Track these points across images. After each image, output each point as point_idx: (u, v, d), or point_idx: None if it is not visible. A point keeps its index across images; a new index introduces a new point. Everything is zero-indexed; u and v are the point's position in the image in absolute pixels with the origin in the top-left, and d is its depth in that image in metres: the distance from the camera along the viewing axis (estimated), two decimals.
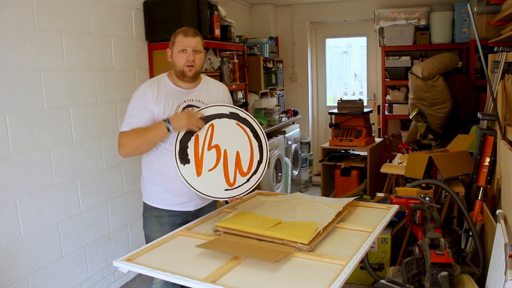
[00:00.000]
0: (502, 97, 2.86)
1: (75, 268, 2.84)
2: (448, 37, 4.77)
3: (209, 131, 1.97)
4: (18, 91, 2.42)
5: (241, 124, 2.04)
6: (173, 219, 2.07)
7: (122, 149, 1.92)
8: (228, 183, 1.94)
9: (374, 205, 2.15)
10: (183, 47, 1.96)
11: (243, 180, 1.96)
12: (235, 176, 1.96)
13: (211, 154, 1.94)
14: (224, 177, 1.94)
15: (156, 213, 2.07)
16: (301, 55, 5.92)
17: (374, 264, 3.09)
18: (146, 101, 1.94)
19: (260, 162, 2.02)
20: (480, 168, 2.99)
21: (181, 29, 2.01)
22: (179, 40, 1.97)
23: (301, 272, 1.46)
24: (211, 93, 2.11)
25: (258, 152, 2.03)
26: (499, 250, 2.08)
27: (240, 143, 2.01)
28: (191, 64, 1.97)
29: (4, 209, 2.36)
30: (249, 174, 1.98)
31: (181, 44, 1.97)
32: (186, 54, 1.96)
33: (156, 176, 2.04)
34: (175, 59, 1.99)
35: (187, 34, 1.97)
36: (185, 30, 2.00)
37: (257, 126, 2.07)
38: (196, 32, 2.01)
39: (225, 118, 2.02)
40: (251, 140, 2.03)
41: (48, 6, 2.58)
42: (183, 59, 1.96)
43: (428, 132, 4.47)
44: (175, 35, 2.00)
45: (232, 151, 1.98)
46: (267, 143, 2.07)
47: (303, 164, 5.60)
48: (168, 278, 1.45)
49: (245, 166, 1.99)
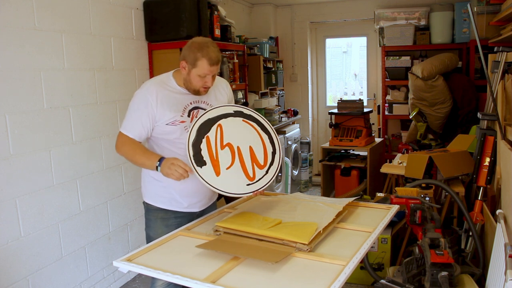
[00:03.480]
0: (502, 97, 2.86)
1: (75, 268, 2.84)
2: (448, 37, 4.77)
3: (219, 131, 1.96)
4: (18, 91, 2.42)
5: (247, 120, 2.05)
6: (179, 221, 2.04)
7: (118, 151, 1.98)
8: (249, 178, 1.93)
9: (374, 205, 2.15)
10: (204, 74, 1.91)
11: (262, 173, 1.96)
12: (254, 170, 1.95)
13: (225, 153, 1.93)
14: (243, 172, 1.93)
15: (162, 215, 2.05)
16: (301, 55, 5.92)
17: (374, 264, 3.09)
18: (148, 104, 1.90)
19: (275, 153, 2.03)
20: (480, 168, 3.00)
21: (207, 52, 1.88)
22: (203, 66, 1.88)
23: (301, 272, 1.46)
24: (217, 93, 2.09)
25: (270, 144, 2.04)
26: (499, 250, 2.08)
27: (251, 138, 2.01)
28: (208, 87, 1.97)
29: (4, 209, 2.36)
30: (266, 166, 1.98)
31: (204, 71, 1.89)
32: (205, 79, 1.93)
33: (166, 179, 1.95)
34: (192, 79, 1.92)
35: (212, 63, 1.88)
36: (212, 57, 1.88)
37: (263, 120, 2.08)
38: (219, 58, 1.93)
39: (230, 117, 2.02)
40: (260, 134, 2.04)
41: (48, 6, 2.58)
42: (201, 82, 1.93)
43: (428, 132, 4.48)
44: (200, 58, 1.87)
45: (245, 147, 1.98)
46: (276, 134, 2.08)
47: (303, 164, 5.60)
48: (168, 278, 1.45)
49: (260, 159, 1.99)
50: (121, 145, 1.95)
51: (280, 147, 2.06)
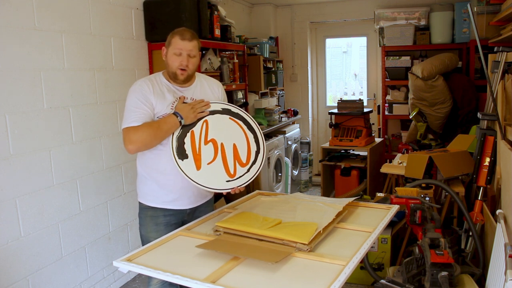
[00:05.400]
0: (502, 97, 2.86)
1: (75, 268, 2.84)
2: (448, 37, 4.77)
3: (204, 127, 1.99)
4: (18, 91, 2.42)
5: (234, 118, 2.08)
6: (168, 219, 2.06)
7: (133, 144, 1.86)
8: (229, 175, 1.95)
9: (374, 205, 2.15)
10: (178, 50, 1.95)
11: (243, 171, 1.98)
12: (235, 167, 1.97)
13: (208, 148, 1.96)
14: (224, 169, 1.96)
15: (151, 213, 2.07)
16: (301, 55, 5.92)
17: (374, 264, 3.09)
18: (145, 93, 1.94)
19: (258, 152, 2.05)
20: (480, 168, 3.00)
21: (179, 30, 1.98)
22: (175, 42, 1.95)
23: (301, 272, 1.46)
24: (205, 91, 2.12)
25: (255, 143, 2.06)
26: (499, 250, 2.08)
27: (235, 136, 2.04)
28: (184, 68, 1.96)
29: (4, 209, 2.35)
30: (248, 164, 2.01)
31: (176, 47, 1.95)
32: (181, 57, 1.95)
33: (150, 173, 2.03)
34: (169, 60, 1.98)
35: (184, 37, 1.95)
36: (182, 32, 1.96)
37: (250, 119, 2.10)
38: (194, 35, 1.99)
39: (217, 114, 2.04)
40: (246, 133, 2.06)
41: (48, 6, 2.58)
42: (177, 62, 1.95)
43: (428, 132, 4.48)
44: (172, 36, 1.97)
45: (229, 144, 2.00)
46: (262, 133, 2.10)
47: (303, 164, 5.60)
48: (168, 278, 1.45)
49: (243, 157, 2.01)
50: (134, 134, 1.86)
51: (265, 147, 2.08)
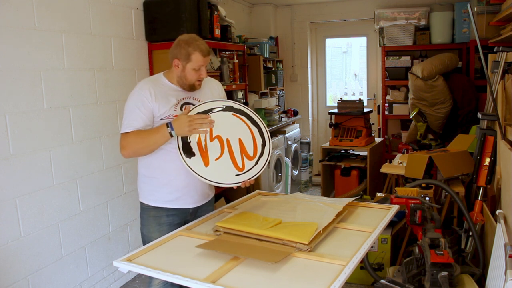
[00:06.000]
0: (502, 97, 2.86)
1: (75, 268, 2.84)
2: (448, 37, 4.77)
3: None
4: (18, 91, 2.42)
5: (237, 114, 2.08)
6: (171, 219, 2.06)
7: (124, 151, 1.94)
8: (238, 169, 1.96)
9: (374, 205, 2.15)
10: (199, 66, 1.97)
11: (251, 164, 1.99)
12: (243, 161, 1.98)
13: (214, 145, 1.97)
14: (232, 163, 1.96)
15: (154, 213, 2.07)
16: (301, 55, 5.92)
17: (374, 264, 3.09)
18: (144, 99, 1.94)
19: (264, 145, 2.06)
20: (480, 168, 2.99)
21: (197, 45, 1.96)
22: (197, 60, 1.95)
23: (301, 272, 1.46)
24: (207, 91, 2.13)
25: (260, 136, 2.07)
26: (499, 250, 2.08)
27: (240, 130, 2.04)
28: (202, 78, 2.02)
29: (4, 209, 2.35)
30: (256, 157, 2.01)
31: (198, 63, 1.96)
32: (200, 71, 1.99)
33: (155, 174, 2.03)
34: (188, 75, 1.98)
35: (205, 54, 1.97)
36: (203, 48, 1.96)
37: (253, 114, 2.10)
38: (209, 49, 2.01)
39: (220, 111, 2.05)
40: (250, 127, 2.07)
41: (48, 6, 2.58)
42: (196, 76, 1.99)
43: (428, 132, 4.48)
44: (191, 51, 1.94)
45: (234, 139, 2.01)
46: (266, 127, 2.10)
47: (303, 164, 5.60)
48: (168, 278, 1.45)
49: (250, 150, 2.02)
50: (125, 141, 1.93)
51: (270, 139, 2.09)
